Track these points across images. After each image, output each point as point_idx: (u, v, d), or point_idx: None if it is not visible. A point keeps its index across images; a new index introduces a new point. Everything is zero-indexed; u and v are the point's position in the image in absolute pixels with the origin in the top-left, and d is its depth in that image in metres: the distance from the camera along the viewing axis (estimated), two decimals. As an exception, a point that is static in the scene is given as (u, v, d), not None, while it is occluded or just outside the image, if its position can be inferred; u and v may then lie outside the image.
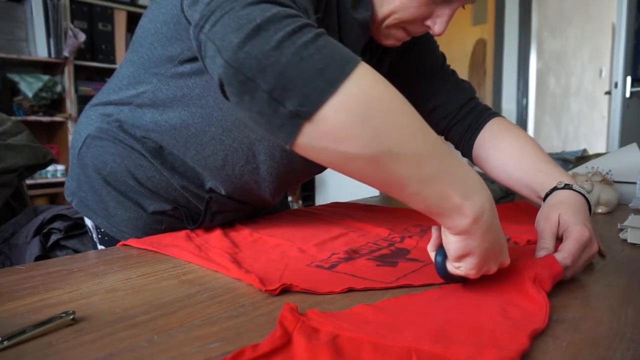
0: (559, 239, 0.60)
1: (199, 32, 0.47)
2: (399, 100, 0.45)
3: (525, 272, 0.51)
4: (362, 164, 0.43)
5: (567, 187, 0.68)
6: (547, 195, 0.70)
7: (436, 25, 0.71)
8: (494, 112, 0.89)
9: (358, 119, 0.41)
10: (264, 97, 0.42)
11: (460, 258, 0.48)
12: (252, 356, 0.36)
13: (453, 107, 0.89)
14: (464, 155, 0.90)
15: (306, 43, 0.42)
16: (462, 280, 0.53)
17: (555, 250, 0.58)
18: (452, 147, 0.90)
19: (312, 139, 0.43)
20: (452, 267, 0.50)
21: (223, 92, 0.46)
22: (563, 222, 0.61)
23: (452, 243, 0.47)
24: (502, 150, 0.81)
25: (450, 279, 0.52)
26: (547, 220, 0.62)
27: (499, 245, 0.49)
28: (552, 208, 0.64)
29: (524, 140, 0.80)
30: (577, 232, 0.57)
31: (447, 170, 0.44)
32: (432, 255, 0.53)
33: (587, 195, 0.68)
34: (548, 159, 0.76)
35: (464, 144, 0.89)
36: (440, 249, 0.51)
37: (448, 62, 0.94)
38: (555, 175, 0.72)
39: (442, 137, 0.92)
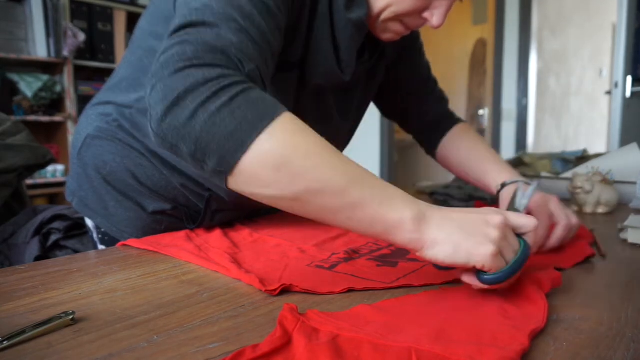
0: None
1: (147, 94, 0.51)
2: (316, 144, 0.48)
3: (523, 275, 0.51)
4: (289, 202, 0.48)
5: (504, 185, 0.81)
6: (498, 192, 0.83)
7: (434, 17, 0.69)
8: (459, 119, 1.01)
9: (272, 169, 0.46)
10: (189, 159, 0.49)
11: (462, 264, 0.47)
12: (252, 356, 0.36)
13: (431, 115, 1.00)
14: (427, 152, 1.04)
15: (219, 108, 0.46)
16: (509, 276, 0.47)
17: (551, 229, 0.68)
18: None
19: (238, 187, 0.49)
20: (462, 274, 0.49)
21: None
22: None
23: (435, 260, 0.47)
24: (460, 151, 0.95)
25: (487, 281, 0.47)
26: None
27: (468, 223, 0.47)
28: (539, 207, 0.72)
29: (477, 143, 0.94)
30: (565, 217, 0.69)
31: (373, 194, 0.47)
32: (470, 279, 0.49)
33: (527, 181, 0.79)
34: (496, 159, 0.89)
35: (431, 145, 1.01)
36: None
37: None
38: (503, 174, 0.84)
39: (412, 136, 1.05)
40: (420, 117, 1.00)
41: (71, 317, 0.43)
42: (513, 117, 3.64)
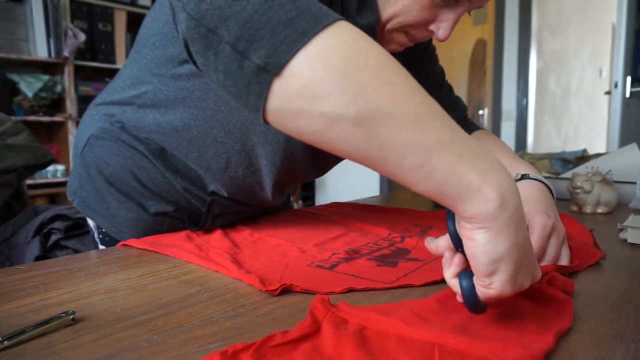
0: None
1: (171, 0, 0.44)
2: (389, 58, 0.38)
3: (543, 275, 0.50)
4: (348, 127, 0.36)
5: (523, 177, 0.69)
6: None
7: (440, 30, 0.69)
8: (478, 127, 0.95)
9: (337, 72, 0.36)
10: (227, 50, 0.38)
11: (491, 271, 0.37)
12: (281, 341, 0.38)
13: None
14: None
15: None
16: (484, 310, 0.42)
17: None
18: None
19: (284, 99, 0.37)
20: (481, 289, 0.39)
21: (190, 55, 0.42)
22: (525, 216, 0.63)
23: (480, 245, 0.37)
24: None
25: (480, 309, 0.41)
26: None
27: (528, 249, 0.39)
28: None
29: (495, 144, 0.86)
30: (538, 223, 0.58)
31: (456, 140, 0.37)
32: (453, 283, 0.42)
33: (544, 180, 0.69)
34: (513, 157, 0.78)
35: None
36: (464, 272, 0.41)
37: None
38: (516, 169, 0.73)
39: None
40: None
41: (71, 317, 0.43)
42: (513, 117, 3.64)
